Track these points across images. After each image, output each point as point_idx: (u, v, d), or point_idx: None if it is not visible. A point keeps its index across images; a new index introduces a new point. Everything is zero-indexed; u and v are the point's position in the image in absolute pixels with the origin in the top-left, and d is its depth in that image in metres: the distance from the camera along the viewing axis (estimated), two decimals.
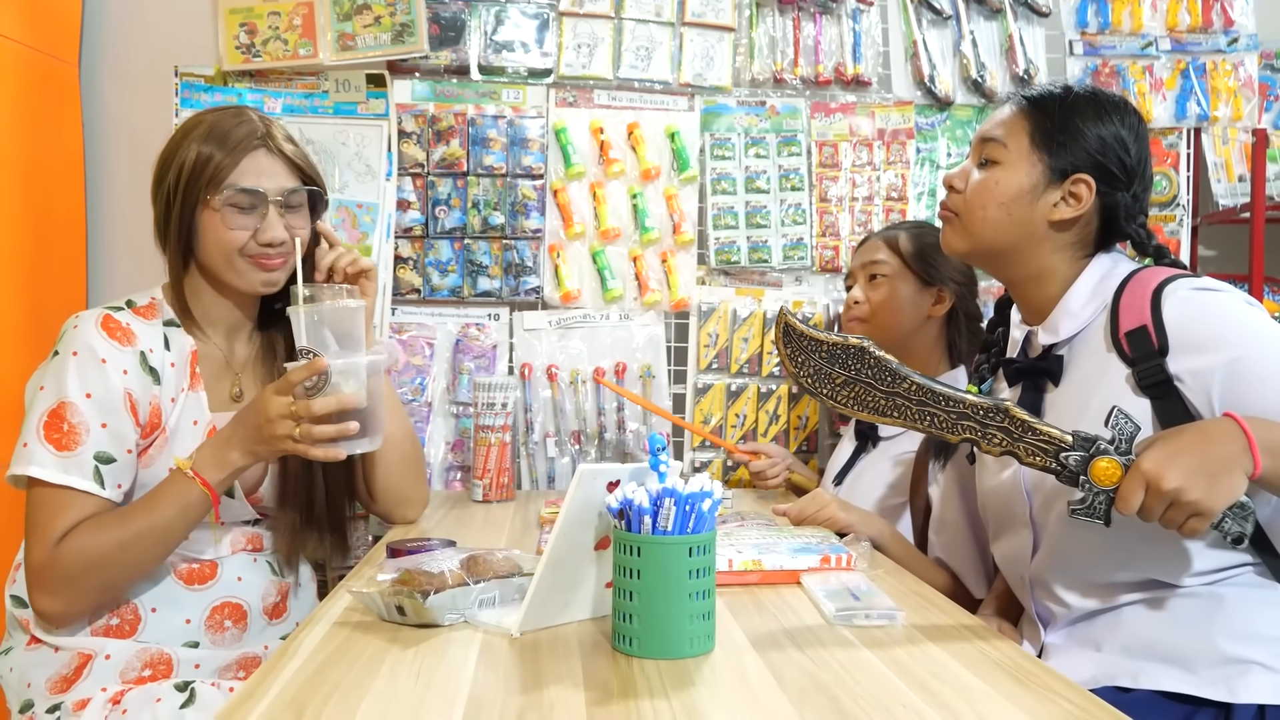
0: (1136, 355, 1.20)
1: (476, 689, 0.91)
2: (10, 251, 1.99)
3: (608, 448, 2.19)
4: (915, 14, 2.28)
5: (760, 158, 2.26)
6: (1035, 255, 1.32)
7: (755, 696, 0.91)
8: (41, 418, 1.32)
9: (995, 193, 1.31)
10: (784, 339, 1.15)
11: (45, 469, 1.30)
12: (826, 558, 1.33)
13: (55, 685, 1.33)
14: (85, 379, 1.32)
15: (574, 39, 2.21)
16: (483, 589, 1.13)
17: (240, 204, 1.39)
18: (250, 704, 0.87)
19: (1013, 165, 1.31)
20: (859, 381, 1.13)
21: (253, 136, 1.41)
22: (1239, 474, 1.04)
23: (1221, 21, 2.31)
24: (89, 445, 1.31)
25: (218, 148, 1.39)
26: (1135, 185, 1.31)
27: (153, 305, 1.44)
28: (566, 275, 2.19)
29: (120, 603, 1.36)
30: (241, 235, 1.39)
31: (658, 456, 1.02)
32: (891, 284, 1.84)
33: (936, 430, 1.12)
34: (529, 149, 2.18)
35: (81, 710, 1.29)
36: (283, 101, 2.15)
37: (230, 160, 1.38)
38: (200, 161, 1.38)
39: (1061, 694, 0.91)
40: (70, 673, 1.33)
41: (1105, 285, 1.29)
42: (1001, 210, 1.31)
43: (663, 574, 0.98)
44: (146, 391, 1.37)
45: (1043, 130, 1.30)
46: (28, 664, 1.35)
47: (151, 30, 2.27)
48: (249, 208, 1.39)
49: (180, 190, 1.39)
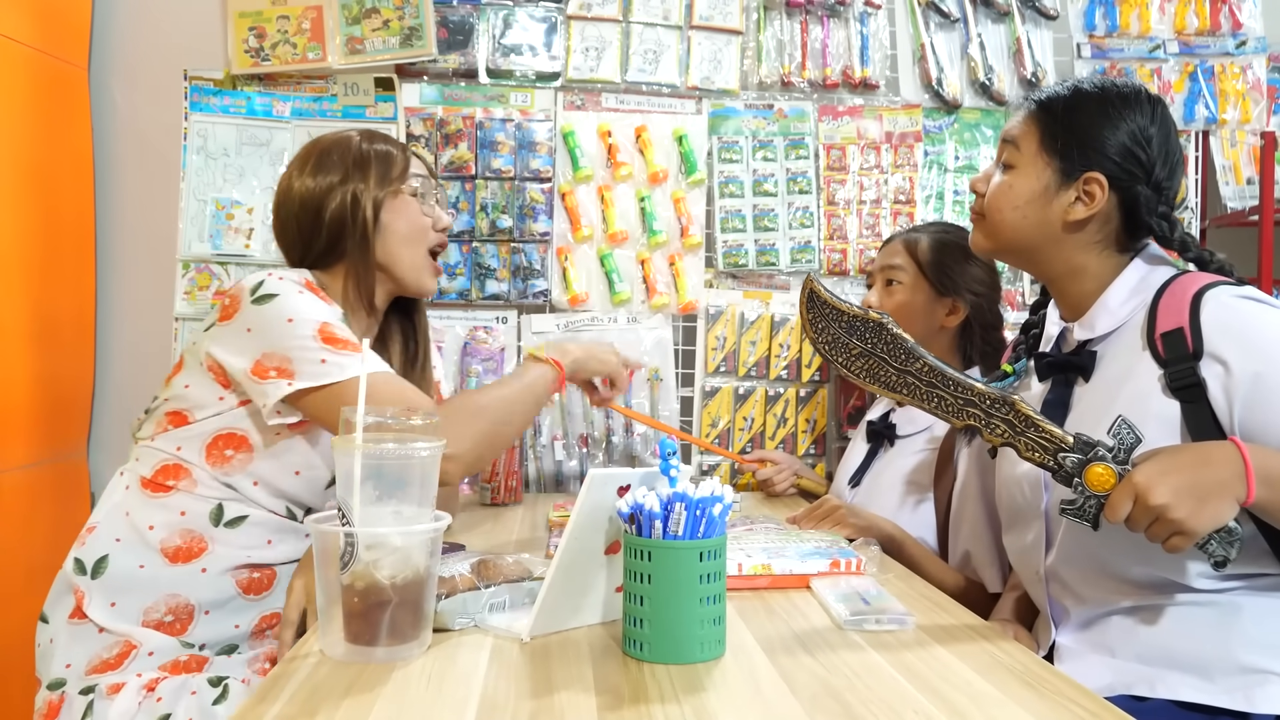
0: (1170, 357, 1.19)
1: (488, 693, 0.91)
2: (20, 253, 2.00)
3: (615, 451, 2.19)
4: (923, 17, 2.28)
5: (768, 161, 2.26)
6: (1060, 254, 1.32)
7: (766, 701, 0.91)
8: (314, 335, 1.31)
9: (1010, 196, 1.33)
10: (807, 305, 1.17)
11: (362, 365, 1.14)
12: (836, 562, 1.32)
13: (94, 667, 1.33)
14: (322, 306, 1.36)
15: (582, 42, 2.21)
16: (493, 593, 1.13)
17: (424, 193, 1.52)
18: (264, 707, 0.87)
19: (1026, 169, 1.32)
20: (874, 355, 1.15)
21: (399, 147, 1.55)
22: (1229, 500, 1.05)
23: (1230, 24, 2.31)
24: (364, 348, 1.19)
25: (387, 144, 1.52)
26: (1158, 174, 1.29)
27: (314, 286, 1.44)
28: (574, 278, 2.19)
29: (180, 604, 1.36)
30: (427, 221, 1.52)
31: (668, 461, 1.02)
32: (906, 292, 1.83)
33: (942, 413, 1.14)
34: (537, 152, 2.18)
35: (116, 694, 1.29)
36: (291, 105, 2.15)
37: (403, 155, 1.52)
38: (380, 155, 1.50)
39: (1074, 699, 0.91)
40: (112, 658, 1.33)
41: (1147, 284, 1.28)
42: (1018, 213, 1.32)
43: (674, 578, 0.98)
44: None
45: (1050, 133, 1.31)
46: (70, 638, 1.34)
47: (161, 34, 2.28)
48: (425, 197, 1.53)
49: (369, 184, 1.47)
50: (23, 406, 1.97)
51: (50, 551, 1.49)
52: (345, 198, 1.46)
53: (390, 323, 1.60)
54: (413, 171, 1.52)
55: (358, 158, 1.49)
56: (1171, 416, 1.18)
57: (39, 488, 2.03)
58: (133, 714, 1.28)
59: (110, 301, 2.30)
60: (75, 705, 1.31)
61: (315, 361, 1.30)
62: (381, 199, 1.48)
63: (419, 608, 1.01)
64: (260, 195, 2.15)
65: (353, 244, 1.47)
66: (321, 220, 1.47)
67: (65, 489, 2.16)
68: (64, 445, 2.17)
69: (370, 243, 1.47)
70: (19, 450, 1.96)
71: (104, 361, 2.31)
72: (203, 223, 2.13)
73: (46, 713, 1.33)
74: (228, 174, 2.15)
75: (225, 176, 2.15)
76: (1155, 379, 1.20)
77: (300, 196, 1.48)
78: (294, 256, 1.52)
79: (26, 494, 1.98)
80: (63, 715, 1.31)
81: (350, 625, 1.00)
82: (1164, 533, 1.05)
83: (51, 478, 2.09)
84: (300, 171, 1.50)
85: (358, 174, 1.47)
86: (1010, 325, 2.10)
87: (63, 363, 2.14)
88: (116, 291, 2.30)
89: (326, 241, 1.47)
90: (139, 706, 1.28)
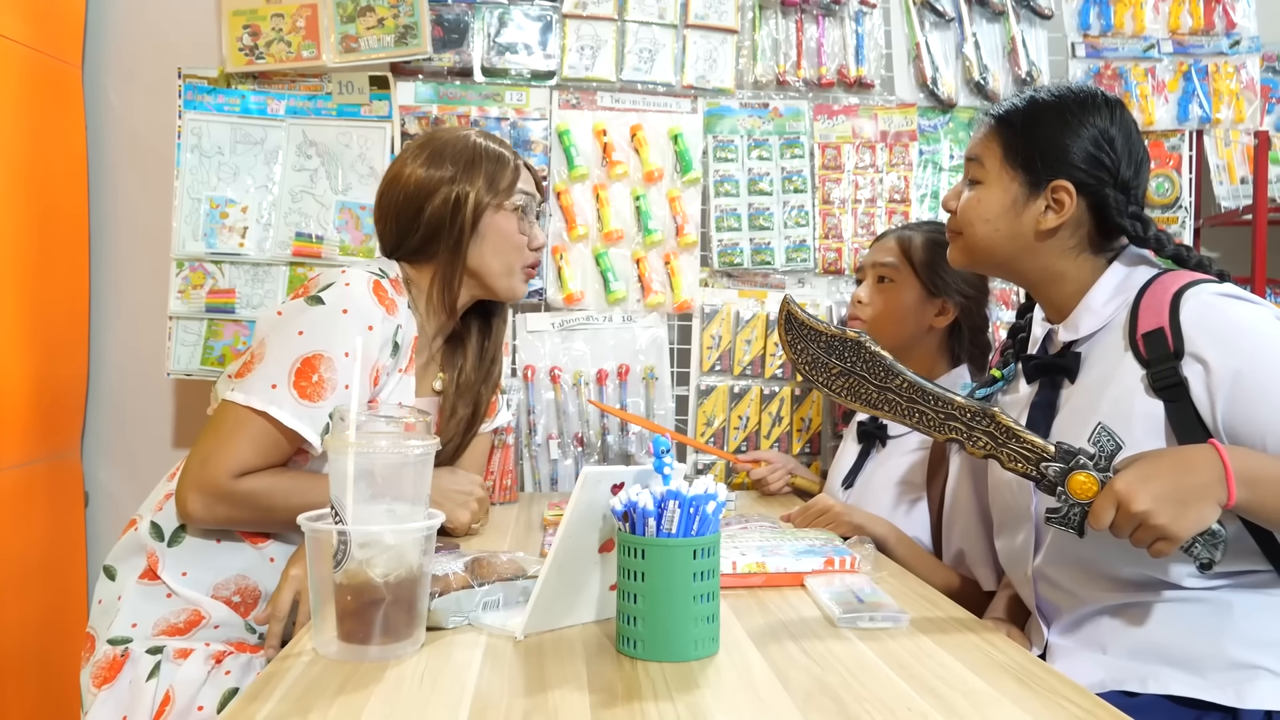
0: (1152, 357, 1.19)
1: (481, 691, 0.91)
2: (13, 252, 1.99)
3: (610, 450, 2.19)
4: (918, 16, 2.28)
5: (763, 160, 2.26)
6: (1037, 262, 1.33)
7: (760, 699, 0.91)
8: (295, 363, 1.32)
9: (980, 210, 1.33)
10: (785, 326, 1.18)
11: (284, 412, 1.30)
12: (830, 560, 1.32)
13: (163, 630, 1.34)
14: (349, 338, 1.34)
15: (577, 41, 2.21)
16: (487, 591, 1.12)
17: (527, 209, 1.53)
18: (256, 705, 0.87)
19: (992, 184, 1.32)
20: (854, 374, 1.16)
21: (513, 155, 1.55)
22: (1210, 503, 1.06)
23: (1224, 24, 2.31)
24: (330, 401, 1.33)
25: (501, 149, 1.53)
26: (1124, 174, 1.29)
27: (398, 282, 1.47)
28: (570, 277, 2.19)
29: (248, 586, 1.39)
30: (523, 240, 1.53)
31: (662, 459, 1.02)
32: (897, 290, 1.83)
33: (924, 427, 1.15)
34: (532, 151, 2.18)
35: (184, 659, 1.31)
36: (286, 103, 2.15)
37: (514, 167, 1.53)
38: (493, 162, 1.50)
39: (1067, 696, 0.91)
40: (181, 624, 1.35)
41: (1129, 284, 1.29)
42: (989, 227, 1.32)
43: (667, 576, 0.98)
44: (385, 362, 1.41)
45: (1011, 147, 1.31)
46: (139, 597, 1.36)
47: (155, 32, 2.27)
48: (527, 213, 1.54)
49: (475, 188, 1.48)
50: (16, 405, 1.97)
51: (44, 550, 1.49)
52: (449, 198, 1.48)
53: (470, 323, 1.61)
54: (520, 187, 1.52)
55: (470, 159, 1.49)
56: (1156, 416, 1.18)
57: (33, 487, 2.03)
58: (200, 682, 1.30)
59: (104, 300, 2.30)
60: (141, 663, 1.32)
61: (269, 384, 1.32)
62: (484, 207, 1.49)
63: (412, 606, 1.01)
64: (254, 194, 2.15)
65: (446, 245, 1.49)
66: (421, 215, 1.48)
67: (59, 488, 2.16)
68: (58, 444, 2.16)
69: (464, 248, 1.49)
70: (13, 450, 1.96)
71: (98, 360, 2.30)
72: (197, 221, 2.13)
73: (108, 666, 1.33)
74: (222, 172, 2.14)
75: (219, 175, 2.14)
76: (1138, 379, 1.21)
77: (406, 187, 1.49)
78: (387, 245, 1.54)
79: (20, 493, 1.98)
80: (125, 671, 1.32)
81: (343, 624, 1.00)
82: (1148, 538, 1.06)
83: (45, 477, 2.09)
84: (414, 160, 1.51)
85: (466, 177, 1.48)
86: (1003, 324, 2.10)
87: (56, 361, 2.13)
88: (110, 290, 2.30)
89: (422, 238, 1.49)
90: (208, 675, 1.31)
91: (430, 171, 1.49)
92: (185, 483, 1.33)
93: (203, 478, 1.32)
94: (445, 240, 1.48)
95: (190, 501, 1.32)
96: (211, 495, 1.32)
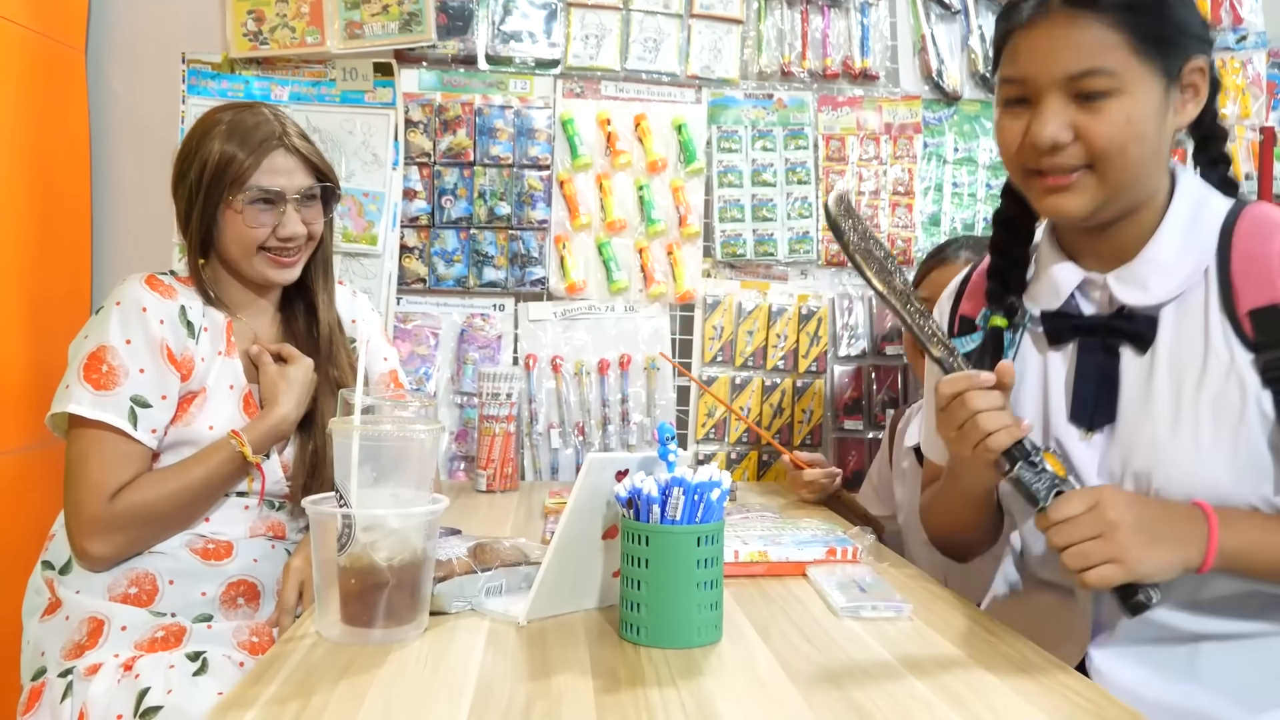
0: (1263, 340, 1.01)
1: (484, 676, 0.91)
2: (15, 237, 1.99)
3: (611, 439, 2.19)
4: (923, 8, 2.27)
5: (767, 151, 2.25)
6: (1154, 179, 1.09)
7: (763, 685, 0.91)
8: (82, 360, 1.36)
9: (1133, 129, 1.04)
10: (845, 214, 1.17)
11: (82, 405, 1.34)
12: (832, 550, 1.33)
13: (69, 652, 1.34)
14: (127, 325, 1.38)
15: (582, 30, 2.20)
16: (490, 577, 1.13)
17: (261, 203, 1.45)
18: (259, 688, 0.87)
19: (1131, 88, 1.04)
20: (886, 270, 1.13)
21: (272, 137, 1.46)
22: (1177, 559, 0.97)
23: (1230, 19, 2.31)
24: (126, 387, 1.36)
25: (239, 148, 1.44)
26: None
27: (183, 278, 1.51)
28: (572, 266, 2.19)
29: (140, 574, 1.39)
30: (262, 232, 1.46)
31: (666, 446, 1.02)
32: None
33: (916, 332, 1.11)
34: (536, 139, 2.18)
35: (94, 675, 1.29)
36: (290, 90, 2.14)
37: (252, 161, 1.44)
38: (223, 161, 1.43)
39: (1070, 686, 0.91)
40: (84, 639, 1.34)
41: (1199, 226, 1.08)
42: (1142, 145, 1.05)
43: (671, 563, 0.98)
44: (181, 343, 1.42)
45: (1144, 32, 1.03)
46: (42, 634, 1.37)
47: (159, 17, 2.26)
48: (269, 206, 1.46)
49: (203, 188, 1.44)
50: (16, 391, 1.96)
51: (40, 536, 1.49)
52: (181, 207, 1.49)
53: (295, 305, 1.59)
54: (251, 183, 1.43)
55: (201, 164, 1.44)
56: (1264, 411, 1.02)
57: (30, 473, 2.02)
58: (112, 693, 1.28)
59: (106, 286, 2.29)
60: (55, 688, 1.31)
61: (63, 386, 1.37)
62: (214, 211, 1.45)
63: (416, 590, 1.02)
64: None
65: (193, 246, 1.49)
66: (181, 219, 1.50)
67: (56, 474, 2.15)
68: None
69: (213, 245, 1.49)
70: (11, 435, 1.96)
71: None
72: None
73: (28, 700, 1.33)
74: None
75: None
76: (1246, 365, 1.02)
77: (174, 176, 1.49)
78: None
79: (17, 478, 1.98)
80: (44, 700, 1.32)
81: (347, 607, 1.00)
82: (1099, 555, 0.95)
83: (42, 463, 2.08)
84: (184, 144, 1.50)
85: (195, 183, 1.45)
86: None
87: (57, 349, 2.12)
88: (112, 276, 2.29)
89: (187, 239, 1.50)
90: (118, 684, 1.29)
91: (177, 182, 1.49)
92: (73, 534, 1.36)
93: (82, 519, 1.35)
94: (192, 240, 1.49)
95: (89, 548, 1.35)
96: (100, 530, 1.34)
